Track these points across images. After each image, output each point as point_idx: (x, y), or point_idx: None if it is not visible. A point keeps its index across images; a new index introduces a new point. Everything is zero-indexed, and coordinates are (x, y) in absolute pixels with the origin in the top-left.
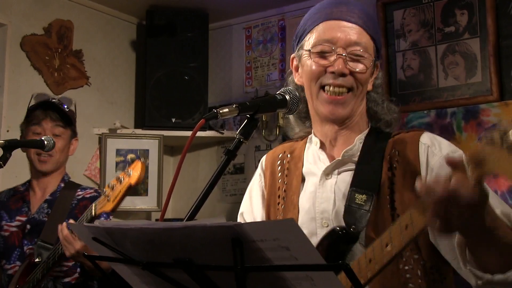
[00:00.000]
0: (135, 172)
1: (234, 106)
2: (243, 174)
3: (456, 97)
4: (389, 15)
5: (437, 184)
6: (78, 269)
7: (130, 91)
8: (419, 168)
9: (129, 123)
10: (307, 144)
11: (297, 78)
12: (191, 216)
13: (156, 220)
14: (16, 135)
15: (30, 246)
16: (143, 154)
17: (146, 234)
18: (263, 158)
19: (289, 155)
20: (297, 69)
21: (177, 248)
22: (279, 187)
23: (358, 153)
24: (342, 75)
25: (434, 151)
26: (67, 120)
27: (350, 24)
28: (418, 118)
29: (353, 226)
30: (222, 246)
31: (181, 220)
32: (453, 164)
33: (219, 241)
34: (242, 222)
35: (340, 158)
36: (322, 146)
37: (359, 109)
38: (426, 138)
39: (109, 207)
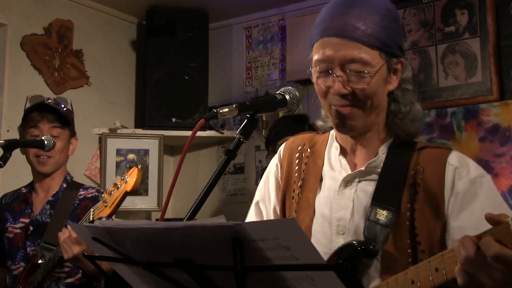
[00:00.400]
0: (131, 179)
1: (234, 106)
2: (243, 174)
3: (456, 97)
4: None
5: (471, 242)
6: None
7: (130, 91)
8: (443, 189)
9: (129, 123)
10: (329, 143)
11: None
12: (191, 216)
13: (156, 220)
14: (16, 135)
15: (33, 247)
16: (143, 154)
17: (146, 234)
18: (281, 148)
19: (309, 149)
20: None
21: (177, 248)
22: (295, 181)
23: (381, 164)
24: (343, 96)
25: (462, 174)
26: (64, 120)
27: (344, 41)
28: None
29: (373, 244)
30: (222, 246)
31: (181, 220)
32: (495, 222)
33: (219, 240)
34: (257, 210)
35: (363, 168)
36: (343, 151)
37: (374, 122)
38: (455, 158)
39: (106, 213)
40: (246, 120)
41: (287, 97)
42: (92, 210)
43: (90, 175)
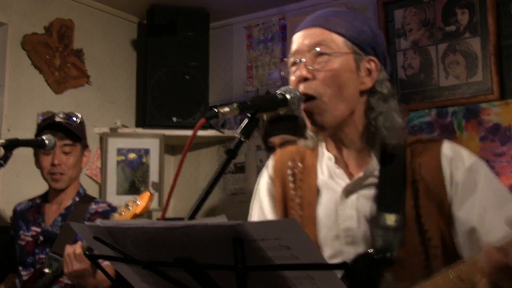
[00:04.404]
0: (142, 203)
1: (235, 105)
2: (244, 173)
3: (457, 96)
4: (389, 14)
5: (499, 252)
6: None
7: (131, 90)
8: (443, 181)
9: (130, 122)
10: (319, 155)
11: None
12: (192, 216)
13: (157, 219)
14: (16, 134)
15: (41, 256)
16: (144, 154)
17: (147, 233)
18: (270, 165)
19: (300, 164)
20: None
21: (178, 247)
22: (292, 199)
23: (378, 167)
24: (304, 79)
25: (458, 164)
26: (75, 136)
27: (310, 30)
28: (419, 117)
29: (390, 252)
30: (223, 245)
31: (182, 219)
32: None
33: (220, 240)
34: None
35: (361, 174)
36: (336, 160)
37: (347, 118)
38: (448, 149)
39: None
40: (246, 120)
41: (288, 96)
42: None
43: (91, 175)
